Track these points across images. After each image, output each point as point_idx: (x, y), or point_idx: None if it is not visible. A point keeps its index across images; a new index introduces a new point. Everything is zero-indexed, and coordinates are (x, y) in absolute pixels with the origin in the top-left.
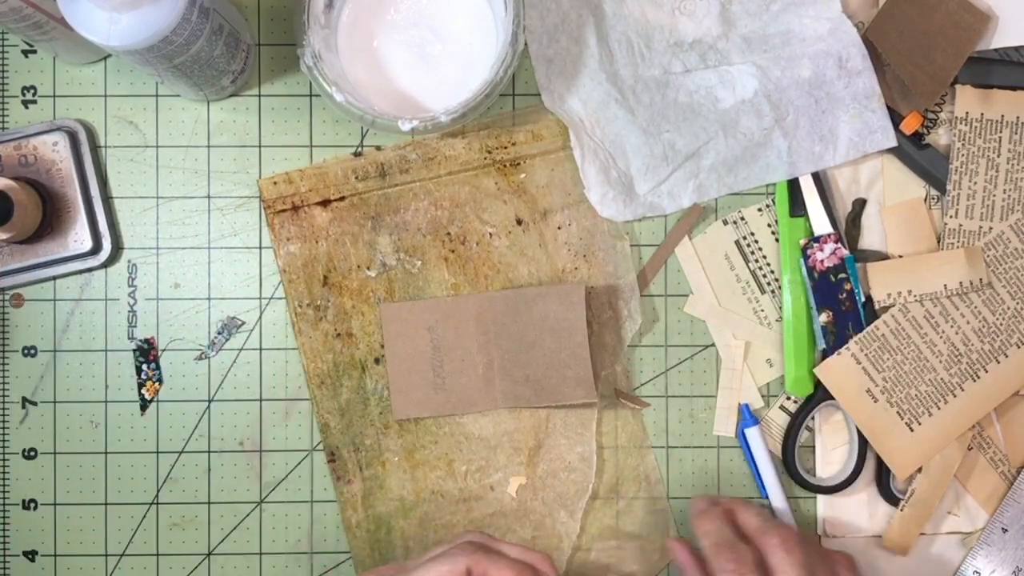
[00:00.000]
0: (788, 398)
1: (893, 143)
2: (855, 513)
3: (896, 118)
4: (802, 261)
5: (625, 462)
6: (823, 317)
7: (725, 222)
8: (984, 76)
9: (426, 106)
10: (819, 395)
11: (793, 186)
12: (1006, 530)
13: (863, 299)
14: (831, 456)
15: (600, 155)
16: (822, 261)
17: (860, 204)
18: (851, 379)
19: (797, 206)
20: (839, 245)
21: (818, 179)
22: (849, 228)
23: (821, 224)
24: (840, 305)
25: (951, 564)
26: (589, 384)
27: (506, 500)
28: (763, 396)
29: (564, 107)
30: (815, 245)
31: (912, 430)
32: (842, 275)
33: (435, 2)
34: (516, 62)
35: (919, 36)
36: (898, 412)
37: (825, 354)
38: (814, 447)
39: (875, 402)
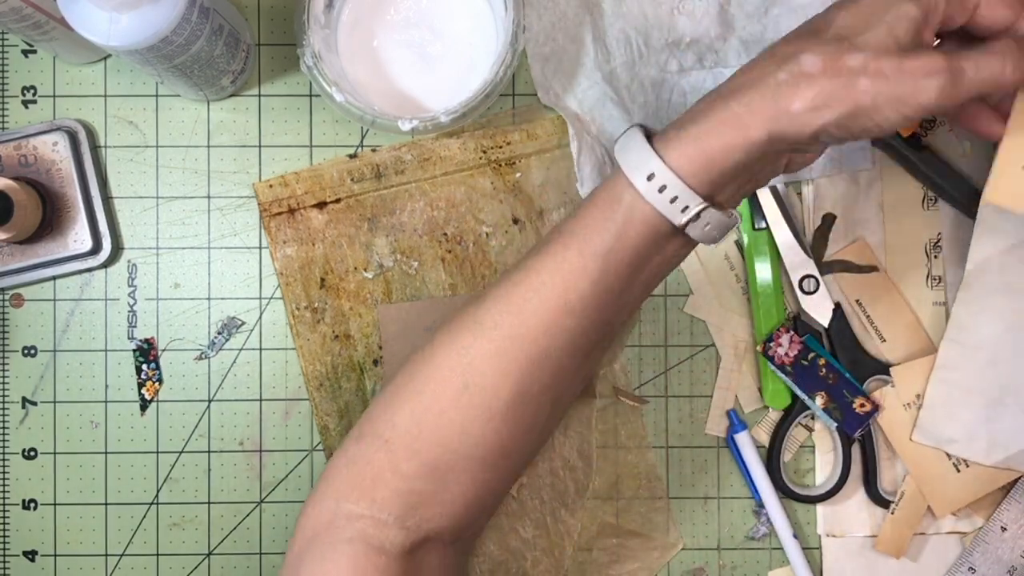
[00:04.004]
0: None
1: (869, 165)
2: (852, 515)
3: None
4: (770, 365)
5: (625, 460)
6: (819, 400)
7: None
8: None
9: (426, 106)
10: (799, 406)
11: (753, 200)
12: (1005, 528)
13: (846, 370)
14: (819, 461)
15: (597, 151)
16: (787, 354)
17: (830, 219)
18: (901, 413)
19: (758, 219)
20: (792, 332)
21: (776, 193)
22: (817, 243)
23: (783, 237)
24: (826, 382)
25: (950, 563)
26: (588, 382)
27: (506, 499)
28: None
29: (560, 104)
30: (771, 344)
31: (959, 471)
32: (811, 355)
33: (435, 2)
34: (516, 62)
35: None
36: (947, 452)
37: (841, 431)
38: (813, 447)
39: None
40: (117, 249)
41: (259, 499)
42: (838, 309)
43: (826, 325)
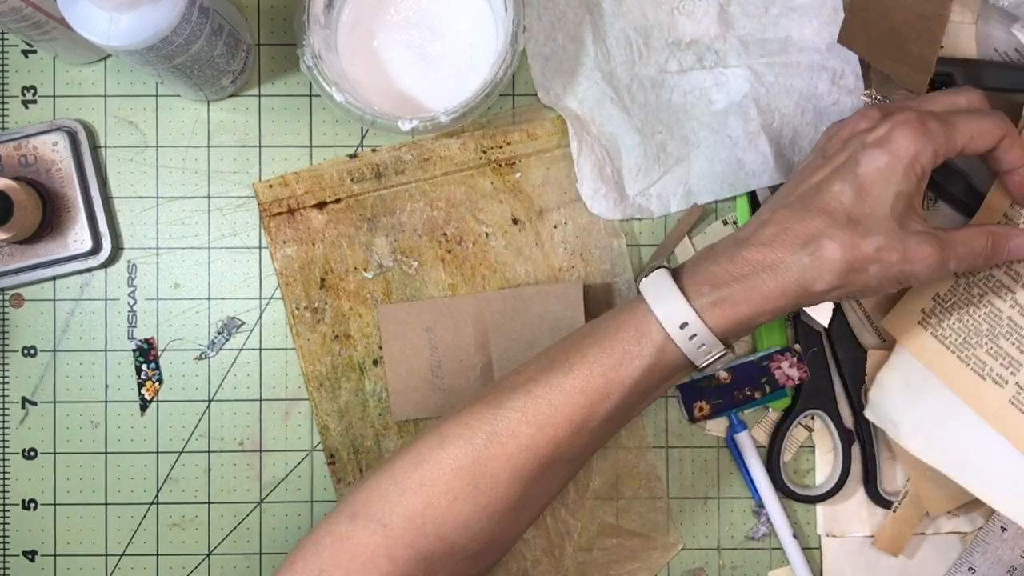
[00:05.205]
0: None
1: None
2: (852, 515)
3: None
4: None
5: (625, 460)
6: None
7: (725, 222)
8: (978, 79)
9: (426, 106)
10: (800, 406)
11: (753, 200)
12: (1005, 529)
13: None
14: (819, 461)
15: (597, 151)
16: (790, 377)
17: None
18: None
19: None
20: (801, 363)
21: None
22: None
23: None
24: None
25: (950, 563)
26: None
27: None
28: None
29: (560, 104)
30: (771, 363)
31: None
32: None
33: (435, 2)
34: (516, 62)
35: (887, 35)
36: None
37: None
38: (813, 447)
39: None
40: (117, 249)
41: (259, 499)
42: (838, 309)
43: (826, 325)
